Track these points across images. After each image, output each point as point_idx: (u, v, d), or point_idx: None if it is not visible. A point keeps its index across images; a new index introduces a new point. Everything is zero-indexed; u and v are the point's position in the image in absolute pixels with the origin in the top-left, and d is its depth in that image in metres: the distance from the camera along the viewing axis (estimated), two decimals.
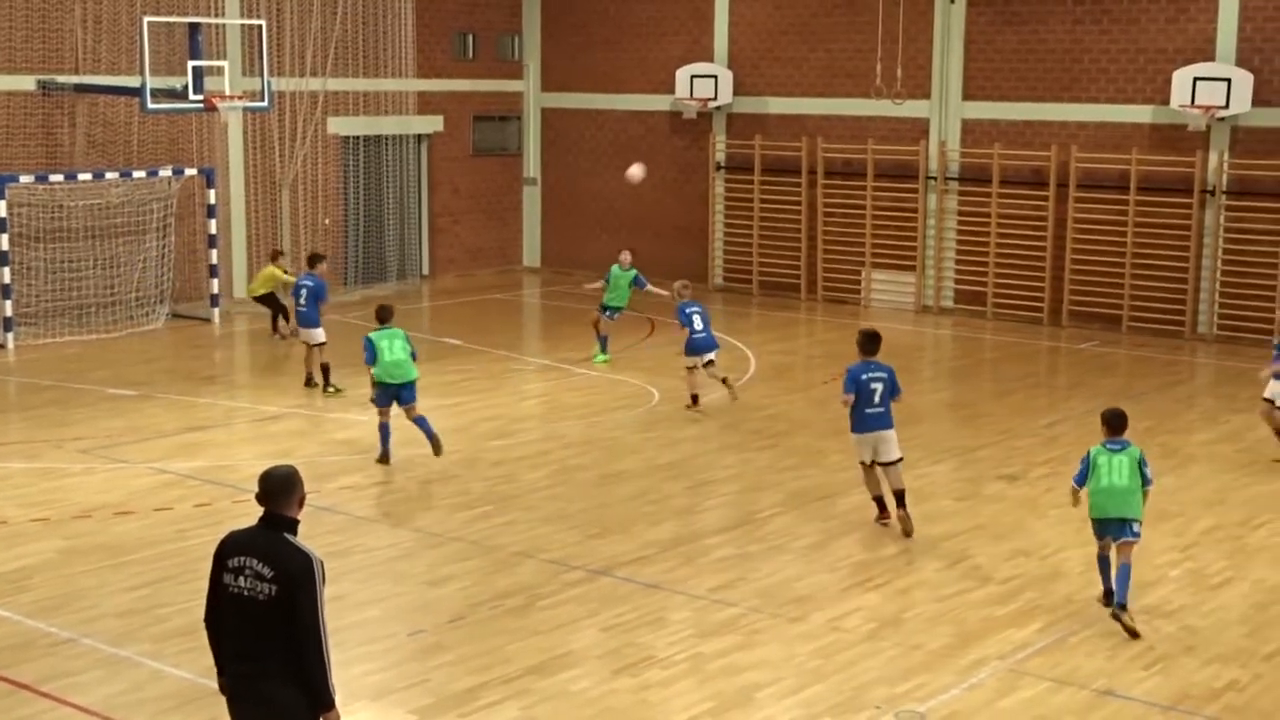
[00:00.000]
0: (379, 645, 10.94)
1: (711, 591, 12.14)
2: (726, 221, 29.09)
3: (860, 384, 13.59)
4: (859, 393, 13.57)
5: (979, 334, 24.89)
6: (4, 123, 23.52)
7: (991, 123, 25.97)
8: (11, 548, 13.13)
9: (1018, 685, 10.30)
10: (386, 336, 16.15)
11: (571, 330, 24.57)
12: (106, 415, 18.15)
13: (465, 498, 14.93)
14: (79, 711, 9.74)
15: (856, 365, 13.76)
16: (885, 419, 13.67)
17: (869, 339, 13.96)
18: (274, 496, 7.31)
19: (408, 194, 29.60)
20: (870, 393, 13.59)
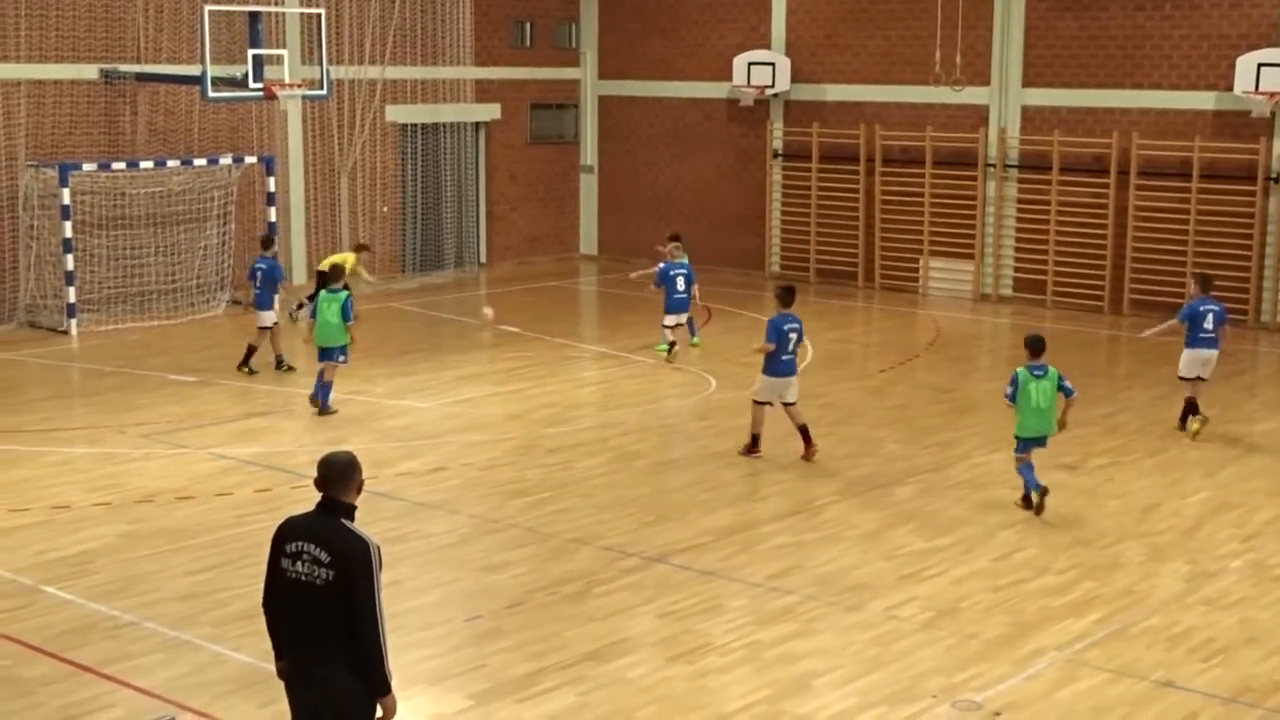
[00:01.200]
0: (436, 631, 11.00)
1: (768, 579, 12.13)
2: (784, 209, 29.00)
3: (781, 334, 15.43)
4: (778, 341, 15.39)
5: (1038, 322, 24.67)
6: (67, 111, 23.77)
7: (1052, 109, 25.75)
8: (74, 532, 13.29)
9: (1076, 676, 10.23)
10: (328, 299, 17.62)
11: (629, 318, 24.59)
12: (167, 401, 18.33)
13: (522, 484, 14.97)
14: (140, 694, 9.84)
15: (777, 317, 15.57)
16: (794, 365, 15.75)
17: (787, 292, 15.94)
18: (333, 482, 7.35)
19: (465, 182, 29.69)
20: (787, 341, 15.48)
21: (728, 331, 23.47)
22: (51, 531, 13.29)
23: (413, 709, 9.24)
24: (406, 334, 23.24)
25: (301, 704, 7.41)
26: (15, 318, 23.31)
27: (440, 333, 23.25)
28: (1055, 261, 25.75)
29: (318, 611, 7.20)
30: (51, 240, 23.09)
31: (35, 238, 23.22)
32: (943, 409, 18.24)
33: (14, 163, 23.15)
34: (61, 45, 23.59)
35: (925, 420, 17.60)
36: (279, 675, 7.56)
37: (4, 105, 23.02)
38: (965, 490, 14.80)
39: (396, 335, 23.20)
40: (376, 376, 19.96)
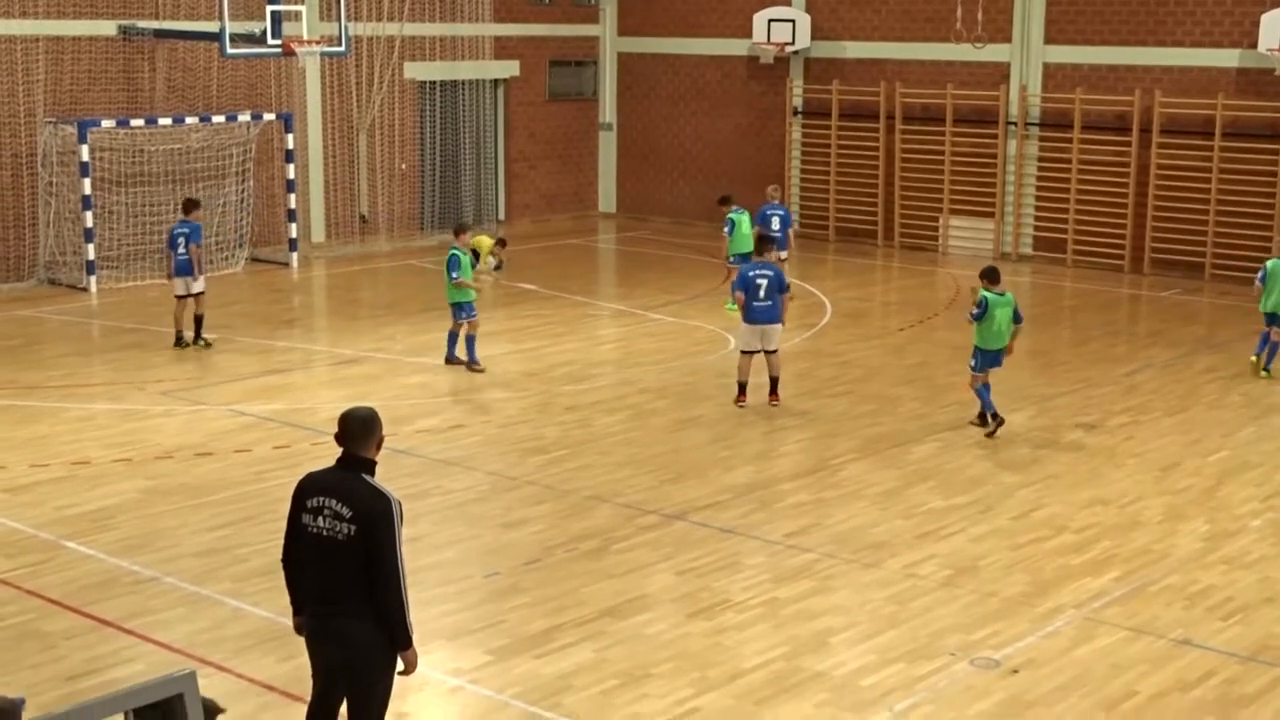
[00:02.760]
0: (455, 586, 11.03)
1: (786, 537, 12.14)
2: (803, 167, 28.89)
3: (748, 281, 15.89)
4: (748, 289, 15.82)
5: (1058, 281, 24.62)
6: (86, 68, 23.74)
7: (1074, 67, 25.57)
8: (95, 488, 13.34)
9: (1094, 634, 10.22)
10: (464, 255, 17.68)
11: (647, 276, 24.57)
12: (186, 358, 18.36)
13: (540, 442, 14.99)
14: (161, 648, 9.90)
15: (746, 265, 16.41)
16: (772, 312, 15.94)
17: (761, 241, 16.62)
18: (354, 438, 7.36)
19: (484, 139, 29.61)
20: (757, 288, 15.82)
21: None
22: (72, 487, 13.35)
23: (432, 663, 9.27)
24: (425, 292, 23.22)
25: (323, 658, 7.45)
26: (35, 275, 23.37)
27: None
28: (1076, 220, 25.63)
29: (339, 566, 7.22)
30: (71, 197, 23.12)
31: (54, 195, 23.24)
32: (962, 368, 18.12)
33: (33, 119, 23.15)
34: (80, 1, 23.54)
35: (945, 379, 17.56)
36: (296, 630, 7.60)
37: (23, 62, 23.01)
38: (985, 449, 14.77)
39: (415, 293, 23.20)
40: (395, 334, 19.98)
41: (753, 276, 15.91)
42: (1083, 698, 9.22)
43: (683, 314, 21.39)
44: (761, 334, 16.00)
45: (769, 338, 16.05)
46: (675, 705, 9.07)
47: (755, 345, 16.07)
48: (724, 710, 9.02)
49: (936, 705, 9.11)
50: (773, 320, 15.99)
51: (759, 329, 15.98)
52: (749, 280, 15.91)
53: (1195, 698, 9.27)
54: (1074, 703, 9.15)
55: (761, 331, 15.99)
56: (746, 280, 15.92)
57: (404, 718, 8.73)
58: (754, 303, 15.88)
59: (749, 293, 15.86)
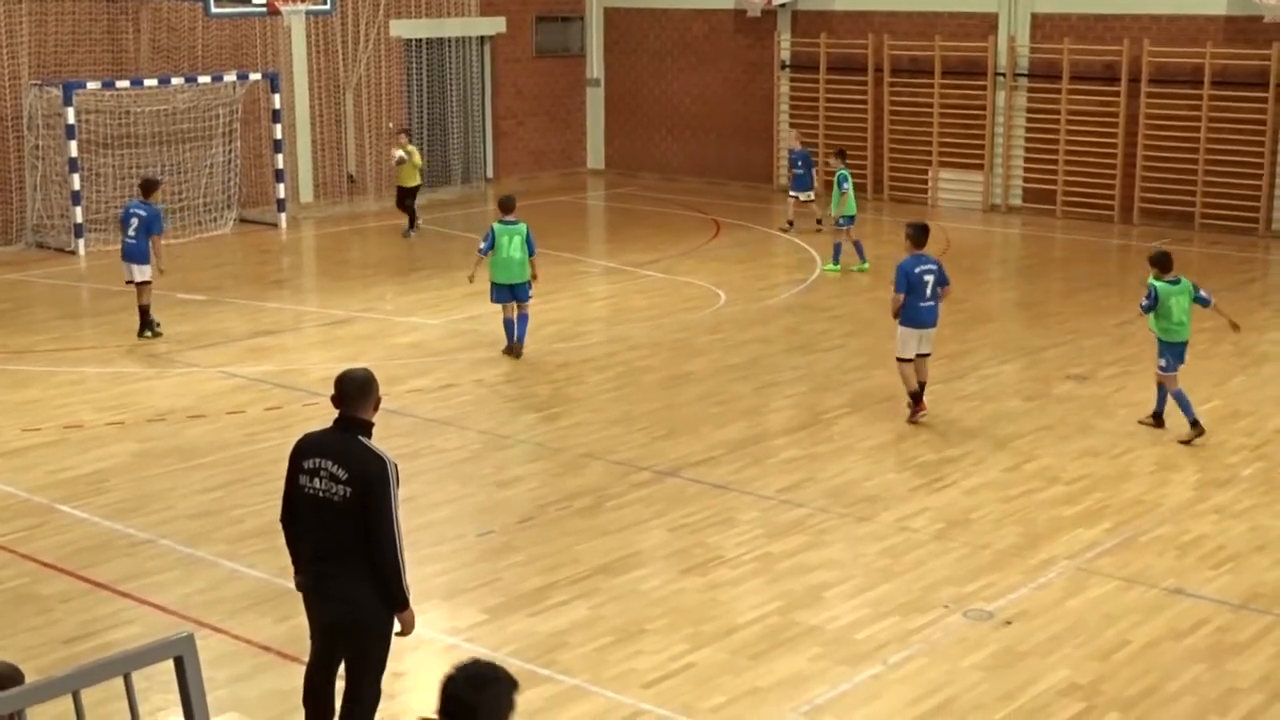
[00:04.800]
0: (449, 545, 11.06)
1: (780, 492, 12.17)
2: (792, 122, 28.79)
3: (913, 278, 13.76)
4: (912, 286, 13.75)
5: (1048, 233, 24.62)
6: (70, 29, 23.59)
7: (1062, 17, 25.49)
8: (88, 450, 13.35)
9: (1087, 584, 10.28)
10: (508, 231, 16.20)
11: (637, 232, 24.53)
12: (176, 320, 18.32)
13: (532, 400, 15.00)
14: (157, 610, 9.93)
15: (908, 259, 13.89)
16: (936, 312, 14.04)
17: (920, 231, 14.08)
18: (350, 399, 7.36)
19: (471, 97, 29.49)
20: (923, 285, 13.79)
21: (736, 245, 23.41)
22: (64, 451, 13.35)
23: (428, 622, 9.29)
24: (415, 250, 23.20)
25: (320, 617, 7.48)
26: (23, 238, 23.28)
27: (448, 249, 23.18)
28: (1065, 171, 25.60)
29: (336, 527, 7.24)
30: (57, 160, 23.01)
31: (41, 158, 23.13)
32: (953, 320, 18.12)
33: (17, 82, 23.02)
34: None
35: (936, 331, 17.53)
36: (298, 589, 7.62)
37: (6, 24, 22.85)
38: (976, 401, 14.81)
39: (404, 252, 23.16)
40: (385, 294, 19.95)
41: (919, 273, 13.76)
42: (1076, 648, 9.28)
43: (673, 270, 21.37)
44: (921, 337, 13.97)
45: (927, 341, 14.10)
46: (670, 661, 9.12)
47: (913, 350, 13.98)
48: (718, 665, 9.07)
49: (930, 658, 9.17)
50: (934, 321, 14.05)
51: (921, 332, 13.93)
52: (914, 276, 13.74)
53: (1187, 646, 9.33)
54: (1067, 653, 9.21)
55: (921, 335, 13.96)
56: (911, 276, 13.74)
57: (401, 677, 8.76)
58: (919, 303, 13.80)
59: (913, 291, 13.78)
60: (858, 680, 8.89)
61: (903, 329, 13.92)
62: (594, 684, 8.83)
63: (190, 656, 3.99)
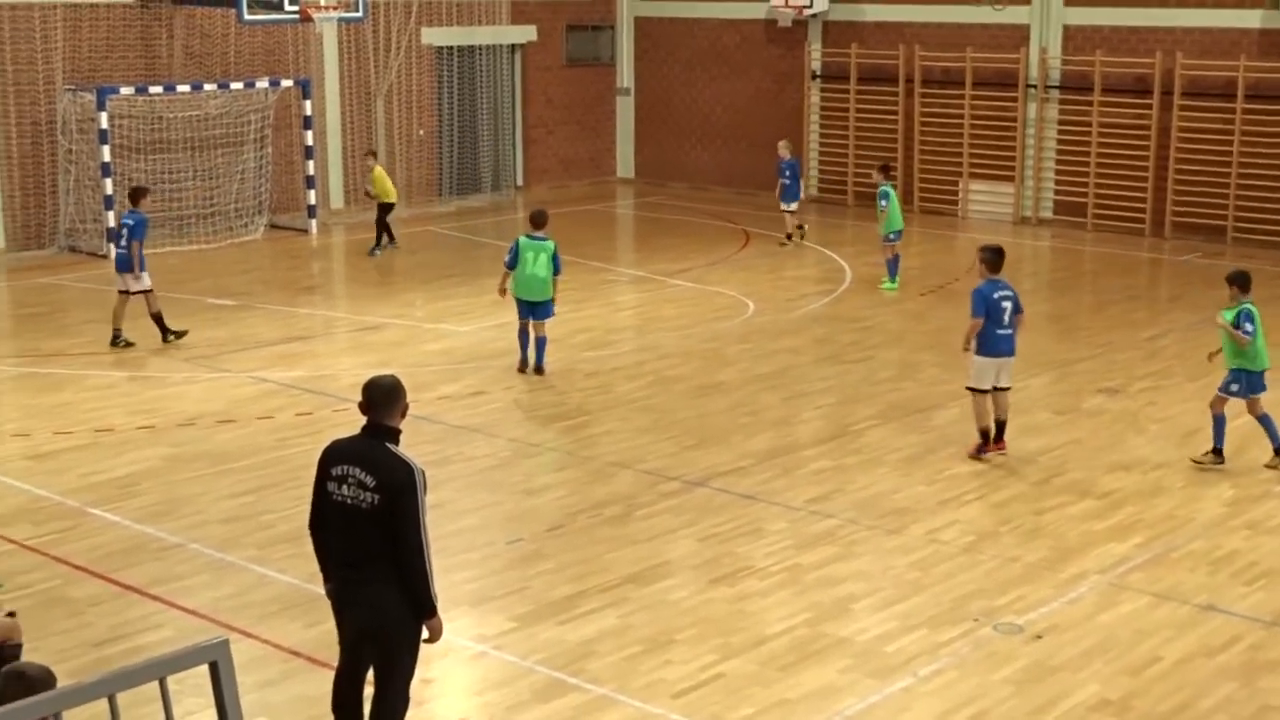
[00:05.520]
0: (478, 553, 11.06)
1: (809, 503, 12.15)
2: (822, 132, 28.78)
3: (991, 304, 12.98)
4: (990, 313, 12.98)
5: (1078, 245, 24.53)
6: (104, 35, 23.73)
7: (1094, 29, 25.40)
8: (120, 454, 13.40)
9: (1118, 599, 10.22)
10: (534, 247, 15.71)
11: (666, 241, 24.53)
12: (207, 325, 18.40)
13: (561, 408, 15.00)
14: (187, 614, 9.96)
15: (985, 285, 13.11)
16: (1013, 341, 13.23)
17: (996, 255, 13.25)
18: (378, 406, 7.37)
19: (501, 105, 29.54)
20: (1001, 313, 13.02)
21: (765, 255, 23.39)
22: (96, 454, 13.41)
23: (456, 630, 9.30)
24: (444, 258, 23.25)
25: (350, 624, 7.49)
26: (56, 242, 23.41)
27: (478, 256, 23.22)
28: (1096, 184, 25.50)
29: (364, 534, 7.25)
30: (90, 165, 23.14)
31: (74, 162, 23.27)
32: None
33: (52, 87, 23.16)
34: None
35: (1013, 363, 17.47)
36: (328, 596, 7.63)
37: (41, 29, 22.99)
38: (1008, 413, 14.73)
39: (434, 259, 23.21)
40: (415, 300, 19.99)
41: (996, 299, 13.00)
42: (1107, 663, 9.23)
43: (702, 280, 21.37)
44: (999, 368, 13.20)
45: (1005, 372, 13.28)
46: (699, 671, 9.10)
47: (990, 382, 13.21)
48: (747, 676, 9.04)
49: (960, 671, 9.13)
50: (1012, 351, 13.25)
51: (998, 362, 13.16)
52: (992, 303, 12.98)
53: (1219, 663, 9.27)
54: (1098, 668, 9.16)
55: (999, 366, 13.19)
56: (989, 302, 12.98)
57: (429, 684, 8.77)
58: (996, 330, 13.04)
59: (990, 318, 13.02)
60: (887, 693, 8.85)
61: (978, 359, 13.14)
62: (622, 693, 8.82)
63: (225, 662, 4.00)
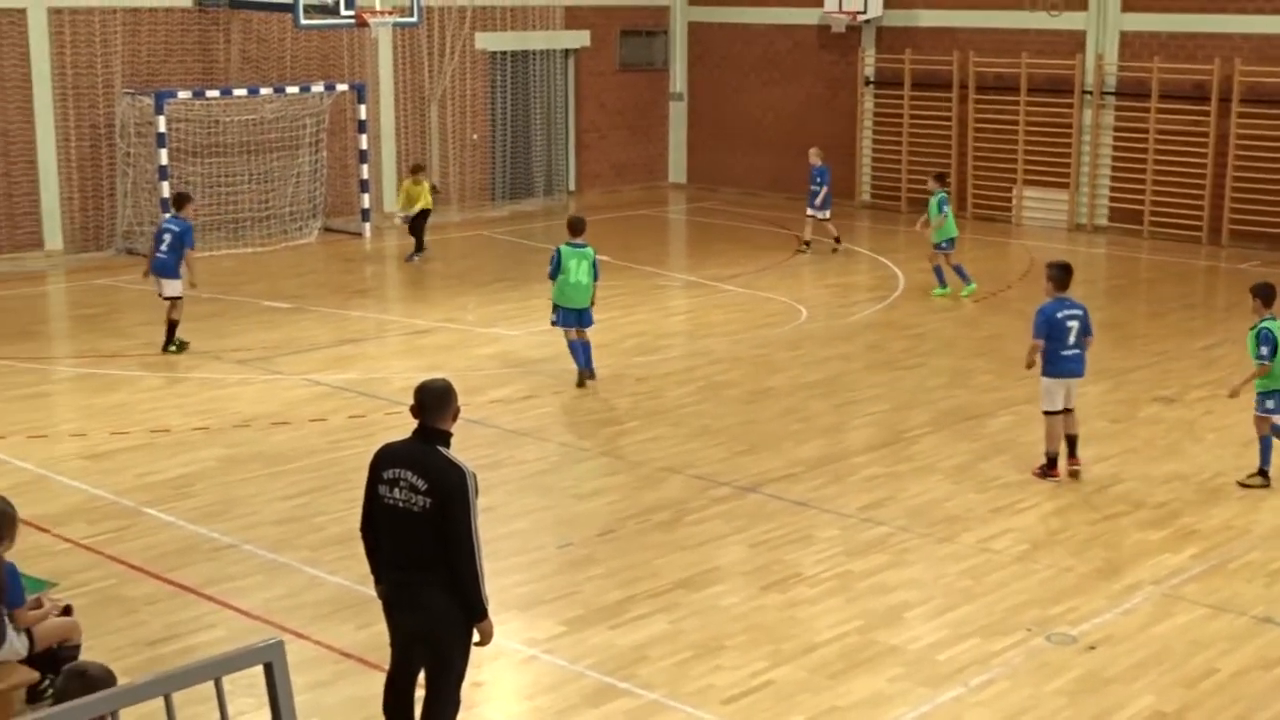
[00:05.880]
0: (529, 557, 11.09)
1: (860, 510, 12.10)
2: (875, 138, 28.70)
3: (1055, 324, 12.63)
4: (1053, 332, 12.63)
5: (1134, 253, 24.34)
6: (162, 39, 23.95)
7: (1151, 35, 25.21)
8: (175, 455, 13.51)
9: (1173, 610, 10.13)
10: (576, 255, 15.67)
11: (718, 247, 24.52)
12: (262, 328, 18.53)
13: (612, 413, 15.01)
14: (240, 614, 10.02)
15: (1050, 303, 12.74)
16: (1081, 362, 12.82)
17: (1062, 272, 12.87)
18: (429, 410, 7.40)
19: (554, 109, 29.61)
20: (1065, 332, 12.65)
21: (817, 260, 23.33)
22: (152, 454, 13.52)
23: (507, 634, 9.32)
24: (496, 262, 23.31)
25: (401, 626, 7.52)
26: (113, 244, 23.64)
27: (529, 261, 23.26)
28: (1153, 191, 25.29)
29: (416, 537, 7.28)
30: (147, 168, 23.35)
31: (132, 165, 23.49)
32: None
33: (111, 91, 23.39)
34: None
35: (1018, 351, 17.21)
36: (379, 598, 7.66)
37: (101, 34, 23.23)
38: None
39: (486, 263, 23.28)
40: (467, 304, 20.06)
41: (1061, 318, 12.64)
42: (1161, 675, 9.14)
43: (753, 285, 21.34)
44: (1067, 389, 12.85)
45: (1074, 393, 12.95)
46: (750, 677, 9.08)
47: (1061, 403, 12.85)
48: (798, 683, 9.02)
49: (1012, 681, 9.07)
50: (1080, 371, 12.91)
51: (1065, 383, 12.80)
52: (1056, 323, 12.63)
53: (1277, 676, 9.17)
54: (1153, 679, 9.08)
55: (1067, 386, 12.84)
56: (1053, 322, 12.62)
57: (479, 687, 8.79)
58: (1061, 350, 12.68)
59: (1054, 338, 12.66)
60: (939, 702, 8.81)
61: (1045, 380, 12.79)
62: (673, 699, 8.81)
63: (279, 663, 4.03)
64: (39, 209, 22.99)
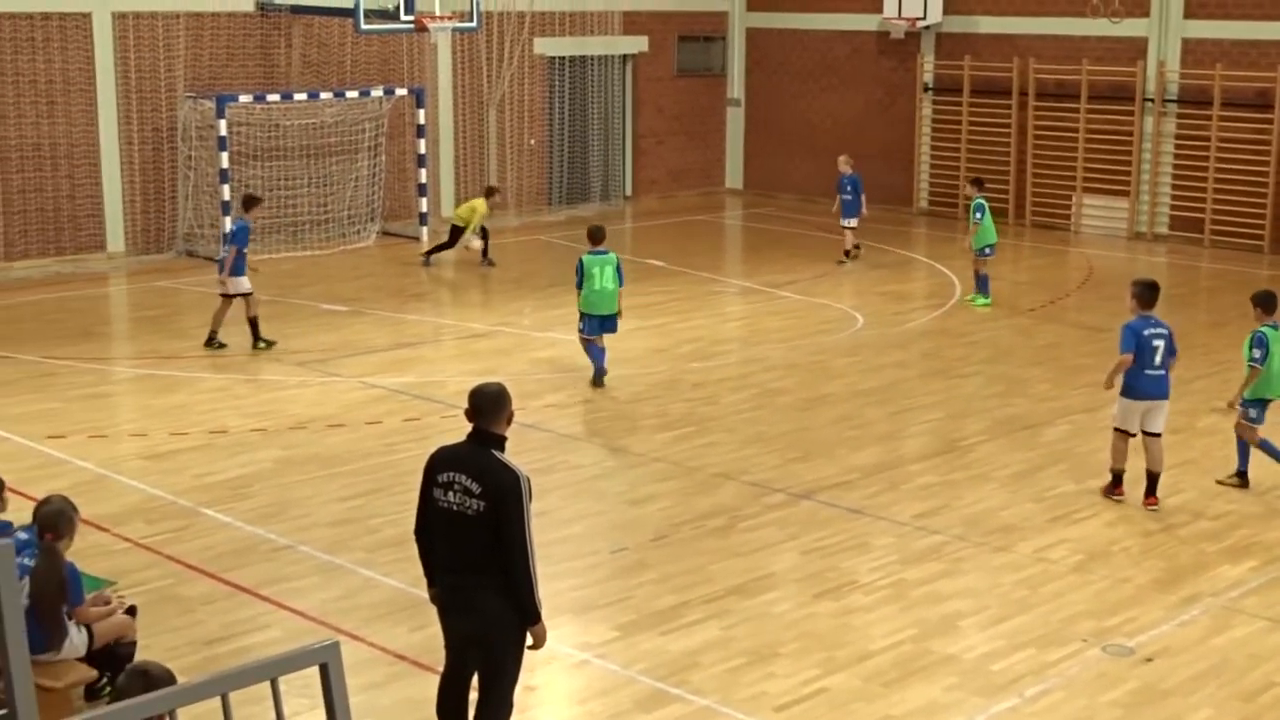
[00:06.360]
0: (582, 561, 11.10)
1: (915, 518, 12.05)
2: (933, 144, 28.57)
3: (1140, 341, 12.08)
4: (1140, 350, 12.10)
5: (1195, 262, 24.12)
6: (224, 44, 24.17)
7: (1214, 42, 24.97)
8: (233, 456, 13.62)
9: (1231, 623, 10.03)
10: (599, 262, 15.93)
11: (773, 253, 24.48)
12: (320, 330, 18.66)
13: (666, 418, 15.02)
14: (295, 615, 10.09)
15: (1136, 320, 12.21)
16: (1165, 383, 12.24)
17: (1147, 290, 12.33)
18: (484, 413, 7.42)
19: (612, 115, 29.65)
20: (1151, 351, 12.11)
21: (874, 268, 23.25)
22: (210, 455, 13.64)
23: (560, 637, 9.34)
24: (553, 267, 23.35)
25: (455, 629, 7.55)
26: (174, 247, 23.86)
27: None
28: (1214, 199, 25.04)
29: (469, 540, 7.30)
30: (209, 171, 23.56)
31: (193, 168, 23.71)
32: (1095, 349, 17.85)
33: (174, 95, 23.62)
34: None
35: (1076, 360, 17.30)
36: (432, 601, 7.70)
37: (164, 38, 23.46)
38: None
39: (544, 268, 23.34)
40: (524, 309, 20.11)
41: (1148, 336, 12.08)
42: (1219, 688, 9.06)
43: (809, 292, 21.29)
44: (1145, 411, 12.23)
45: (1153, 416, 12.26)
46: (802, 685, 9.06)
47: (1136, 425, 12.30)
48: (851, 691, 8.99)
49: (1068, 692, 9.01)
50: (1164, 393, 12.25)
51: (1145, 405, 12.21)
52: (1143, 340, 12.06)
53: None
54: (1210, 693, 8.99)
55: (1147, 408, 12.22)
56: (1140, 340, 12.06)
57: (532, 691, 8.82)
58: (1144, 370, 12.09)
59: (1141, 357, 12.09)
60: (993, 712, 8.76)
61: (1123, 400, 12.27)
62: (725, 705, 8.80)
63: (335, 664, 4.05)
64: (101, 211, 23.24)
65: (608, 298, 15.89)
